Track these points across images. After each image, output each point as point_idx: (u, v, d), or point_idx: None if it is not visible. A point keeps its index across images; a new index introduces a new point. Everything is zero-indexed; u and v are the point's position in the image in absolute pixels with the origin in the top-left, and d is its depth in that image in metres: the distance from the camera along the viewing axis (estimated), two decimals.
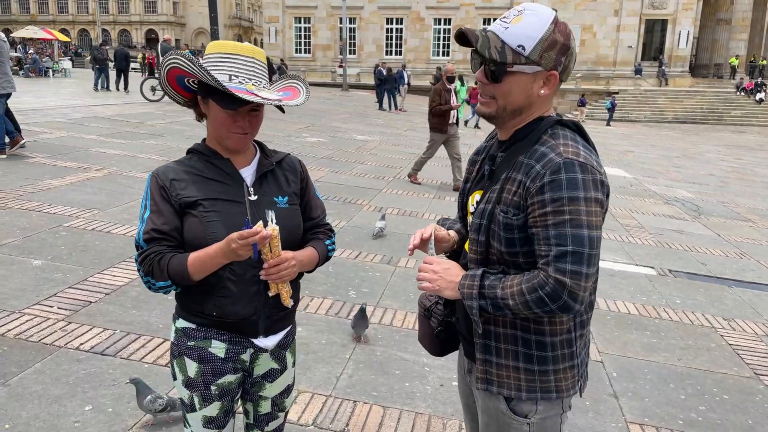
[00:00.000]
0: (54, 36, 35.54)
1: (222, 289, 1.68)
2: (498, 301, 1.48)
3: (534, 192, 1.44)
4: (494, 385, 1.62)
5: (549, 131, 1.52)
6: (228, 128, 1.67)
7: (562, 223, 1.40)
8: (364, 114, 22.22)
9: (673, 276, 6.20)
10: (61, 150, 9.43)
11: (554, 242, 1.41)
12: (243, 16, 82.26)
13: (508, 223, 1.50)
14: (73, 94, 19.66)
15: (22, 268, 4.63)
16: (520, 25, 1.45)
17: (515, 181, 1.50)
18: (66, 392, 3.08)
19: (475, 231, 1.59)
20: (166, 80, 1.72)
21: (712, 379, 3.97)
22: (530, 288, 1.43)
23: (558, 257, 1.40)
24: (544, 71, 1.48)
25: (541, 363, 1.58)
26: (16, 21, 76.21)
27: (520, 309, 1.46)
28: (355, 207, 7.74)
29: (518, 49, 1.45)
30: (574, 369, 1.62)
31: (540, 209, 1.43)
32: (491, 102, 1.55)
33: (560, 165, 1.42)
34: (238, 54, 1.65)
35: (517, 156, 1.53)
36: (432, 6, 42.35)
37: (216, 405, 1.78)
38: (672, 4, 39.33)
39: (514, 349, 1.59)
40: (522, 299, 1.45)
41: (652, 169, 15.07)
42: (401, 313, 4.51)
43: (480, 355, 1.63)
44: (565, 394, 1.61)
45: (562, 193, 1.40)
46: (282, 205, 1.77)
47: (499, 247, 1.53)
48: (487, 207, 1.56)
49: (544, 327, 1.56)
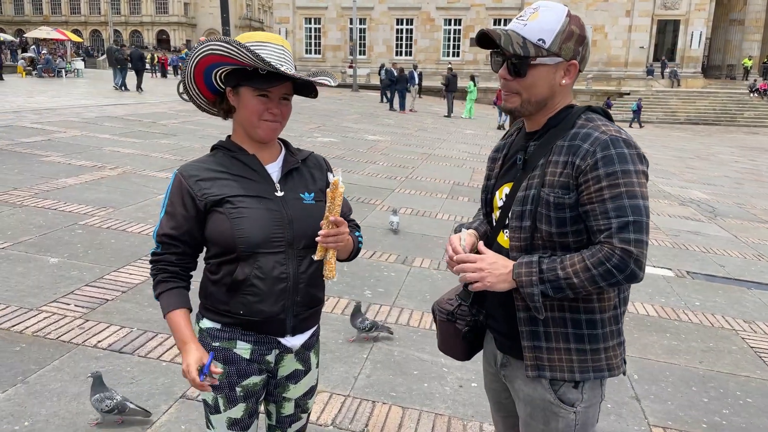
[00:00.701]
0: (66, 36, 35.85)
1: (249, 287, 1.65)
2: (560, 282, 1.49)
3: (587, 169, 1.48)
4: (546, 370, 1.62)
5: (582, 116, 1.59)
6: (260, 115, 1.65)
7: (619, 195, 1.45)
8: (374, 114, 22.21)
9: (691, 278, 6.13)
10: (75, 149, 9.48)
11: (614, 215, 1.45)
12: (253, 17, 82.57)
13: (560, 202, 1.52)
14: (86, 94, 19.78)
15: (39, 265, 4.64)
16: (537, 20, 1.52)
17: (559, 163, 1.54)
18: (84, 390, 3.06)
19: (517, 218, 1.60)
20: (193, 75, 1.69)
21: (735, 382, 3.90)
22: (596, 262, 1.46)
23: (621, 228, 1.44)
24: (564, 62, 1.55)
25: (593, 341, 1.60)
26: (29, 22, 76.95)
27: (585, 285, 1.48)
28: (368, 206, 7.71)
29: (539, 42, 1.51)
30: (622, 346, 1.66)
31: (595, 185, 1.47)
32: (515, 97, 1.59)
33: (608, 141, 1.49)
34: (270, 42, 1.64)
35: (553, 141, 1.58)
36: (442, 6, 42.26)
37: (241, 407, 1.75)
38: (684, 4, 39.01)
39: (563, 331, 1.60)
40: (587, 275, 1.46)
41: (666, 170, 14.94)
42: (418, 312, 4.48)
43: (528, 342, 1.63)
44: (616, 371, 1.64)
45: (615, 167, 1.46)
46: (308, 201, 1.74)
47: (549, 228, 1.54)
48: (529, 193, 1.58)
49: (593, 305, 1.58)
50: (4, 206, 6.06)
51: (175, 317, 1.68)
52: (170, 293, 1.69)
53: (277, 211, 1.67)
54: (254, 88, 1.61)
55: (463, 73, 33.75)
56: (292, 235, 1.68)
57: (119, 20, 75.09)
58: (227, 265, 1.67)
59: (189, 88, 1.73)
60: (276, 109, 1.66)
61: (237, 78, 1.64)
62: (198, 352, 1.64)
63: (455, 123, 22.26)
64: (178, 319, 1.67)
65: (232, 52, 1.56)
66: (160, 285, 1.69)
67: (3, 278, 4.34)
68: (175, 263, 1.70)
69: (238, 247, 1.62)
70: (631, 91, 36.27)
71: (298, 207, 1.71)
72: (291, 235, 1.67)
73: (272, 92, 1.63)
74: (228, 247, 1.64)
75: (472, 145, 16.06)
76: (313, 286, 1.76)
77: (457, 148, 14.90)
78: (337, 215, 1.63)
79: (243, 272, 1.64)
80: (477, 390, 3.44)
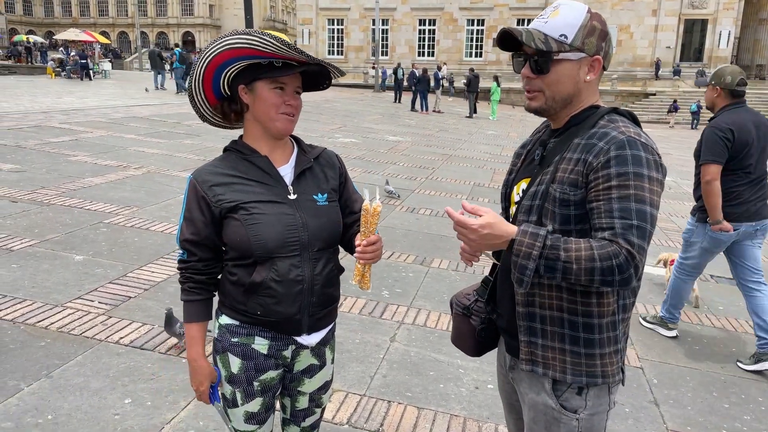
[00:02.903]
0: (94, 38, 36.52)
1: (266, 289, 1.68)
2: (557, 263, 1.41)
3: (598, 166, 1.45)
4: (539, 366, 1.61)
5: (606, 117, 1.56)
6: (278, 108, 1.66)
7: (627, 197, 1.41)
8: (396, 115, 22.23)
9: (714, 281, 6.02)
10: (101, 149, 9.67)
11: (618, 215, 1.41)
12: (277, 19, 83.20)
13: (565, 198, 1.50)
14: (113, 95, 20.14)
15: (64, 263, 4.75)
16: (558, 17, 1.52)
17: (571, 160, 1.51)
18: (106, 385, 3.14)
19: (525, 212, 1.58)
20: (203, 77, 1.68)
21: (757, 387, 3.84)
22: (604, 255, 1.38)
23: (624, 230, 1.40)
24: (588, 57, 1.53)
25: (588, 346, 1.57)
26: (59, 24, 78.61)
27: (580, 275, 1.40)
28: (387, 207, 7.73)
29: (561, 38, 1.50)
30: (618, 354, 1.62)
31: (604, 183, 1.44)
32: (539, 95, 1.57)
33: (624, 141, 1.45)
34: (283, 38, 1.65)
35: (572, 139, 1.56)
36: (465, 7, 42.13)
37: (258, 401, 1.78)
38: (712, 3, 38.34)
39: (560, 331, 1.58)
40: (589, 265, 1.39)
41: (691, 172, 14.65)
42: (435, 313, 4.48)
43: (524, 337, 1.62)
44: (611, 380, 1.60)
45: (628, 168, 1.42)
46: (322, 203, 1.75)
47: (553, 225, 1.52)
48: (539, 188, 1.56)
49: (592, 309, 1.55)
50: (33, 205, 6.21)
51: (191, 330, 1.78)
52: (193, 305, 1.76)
53: (291, 215, 1.69)
54: (271, 80, 1.63)
55: (486, 73, 33.62)
56: (307, 238, 1.70)
57: (146, 22, 76.22)
58: (244, 268, 1.69)
59: (195, 93, 1.72)
60: (293, 101, 1.68)
61: (251, 73, 1.65)
62: (209, 368, 1.78)
63: (477, 124, 22.17)
64: (193, 333, 1.78)
65: (253, 42, 1.56)
66: (185, 293, 1.77)
67: (30, 275, 4.46)
68: (202, 270, 1.74)
69: (254, 253, 1.65)
70: (656, 92, 35.73)
71: (311, 210, 1.72)
72: (306, 238, 1.70)
73: (287, 84, 1.65)
74: (244, 252, 1.66)
75: (494, 146, 15.98)
76: (329, 286, 1.78)
77: (478, 149, 14.85)
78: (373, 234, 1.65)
79: (260, 275, 1.67)
80: (493, 392, 3.43)
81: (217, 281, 1.80)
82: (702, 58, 39.24)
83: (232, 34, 1.58)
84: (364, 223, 1.64)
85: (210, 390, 1.80)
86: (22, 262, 4.70)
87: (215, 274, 1.78)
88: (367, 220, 1.63)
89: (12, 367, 3.23)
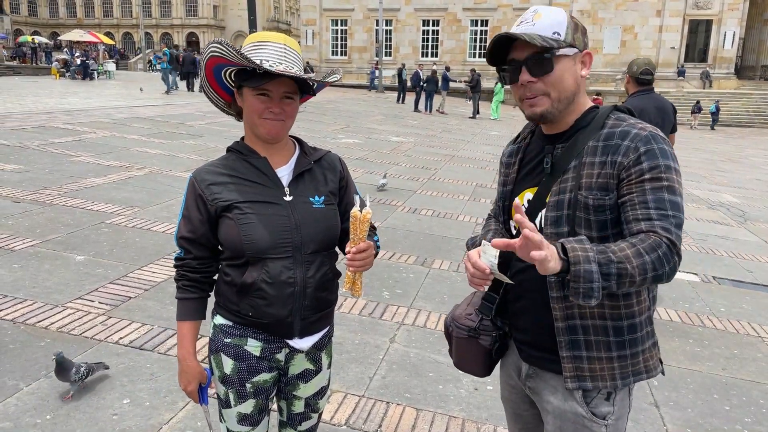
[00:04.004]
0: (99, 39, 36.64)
1: (257, 291, 1.68)
2: (611, 267, 1.32)
3: (629, 164, 1.45)
4: (587, 381, 1.56)
5: (611, 116, 1.57)
6: (260, 114, 1.66)
7: (660, 188, 1.43)
8: (399, 115, 22.22)
9: (717, 283, 6.00)
10: (104, 149, 9.70)
11: (653, 206, 1.41)
12: (281, 19, 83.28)
13: (600, 204, 1.48)
14: (116, 96, 20.20)
15: (65, 263, 4.76)
16: (543, 18, 1.52)
17: (596, 164, 1.49)
18: (105, 385, 3.14)
19: (553, 225, 1.54)
20: (205, 75, 1.73)
21: (759, 390, 3.82)
22: (648, 248, 1.35)
23: (662, 219, 1.40)
24: (579, 52, 1.55)
25: (633, 345, 1.56)
26: (64, 24, 78.87)
27: (635, 274, 1.33)
28: (389, 208, 7.73)
29: (554, 35, 1.51)
30: (656, 345, 1.63)
31: (637, 177, 1.44)
32: (543, 99, 1.53)
33: (649, 137, 1.47)
34: (270, 41, 1.66)
35: (584, 143, 1.54)
36: (469, 7, 42.06)
37: (251, 402, 1.78)
38: (717, 4, 38.16)
39: (605, 339, 1.54)
40: (640, 261, 1.33)
41: (696, 173, 14.64)
42: (435, 314, 4.48)
43: (567, 353, 1.56)
44: (654, 372, 1.61)
45: (659, 161, 1.44)
46: (317, 206, 1.74)
47: (589, 233, 1.49)
48: (563, 197, 1.52)
49: (633, 309, 1.54)
50: (35, 205, 6.23)
51: (182, 329, 1.77)
52: (186, 303, 1.76)
53: (285, 216, 1.69)
54: (252, 88, 1.64)
55: (489, 74, 33.56)
56: (300, 240, 1.69)
57: (150, 23, 76.40)
58: (237, 268, 1.70)
59: (206, 90, 1.77)
60: (276, 108, 1.66)
61: (239, 78, 1.67)
62: (198, 368, 1.78)
63: (480, 124, 22.15)
64: (185, 331, 1.78)
65: (223, 52, 1.60)
66: (180, 291, 1.77)
67: (31, 275, 4.47)
68: (197, 269, 1.74)
69: (246, 253, 1.66)
70: (661, 92, 35.58)
71: (306, 212, 1.72)
72: (299, 240, 1.69)
73: (272, 91, 1.64)
74: (237, 251, 1.67)
75: (497, 146, 15.95)
76: (323, 290, 1.77)
77: (480, 150, 14.84)
78: (363, 242, 1.63)
79: (251, 276, 1.67)
80: (492, 393, 3.43)
81: (212, 281, 1.80)
82: (707, 59, 39.07)
83: (212, 43, 1.61)
84: (353, 231, 1.63)
85: (199, 391, 1.80)
86: (23, 262, 4.71)
87: (210, 274, 1.78)
88: (356, 227, 1.62)
89: (11, 366, 3.24)
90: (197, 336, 1.80)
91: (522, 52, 1.51)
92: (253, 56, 1.62)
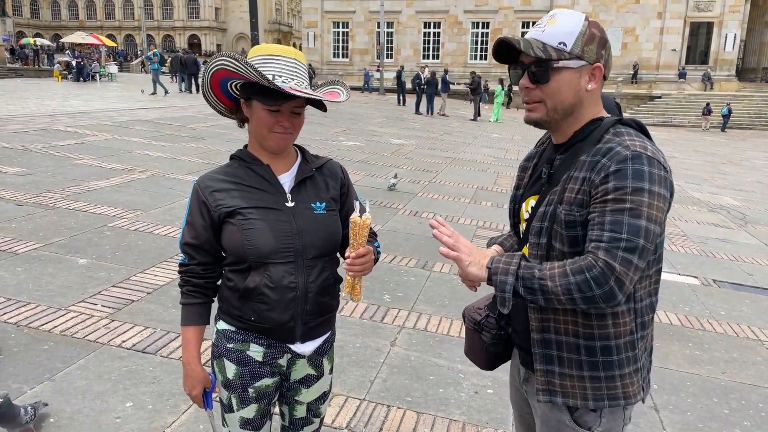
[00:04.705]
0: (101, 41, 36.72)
1: (259, 295, 1.71)
2: (533, 281, 1.41)
3: (598, 182, 1.42)
4: (558, 396, 1.57)
5: (611, 130, 1.51)
6: (269, 128, 1.68)
7: (621, 211, 1.38)
8: (400, 118, 22.25)
9: (717, 286, 6.02)
10: (106, 152, 9.73)
11: (608, 228, 1.38)
12: (282, 21, 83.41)
13: (572, 220, 1.47)
14: (118, 98, 20.25)
15: (68, 266, 4.78)
16: (556, 25, 1.49)
17: (578, 180, 1.48)
18: (108, 388, 3.17)
19: (535, 234, 1.56)
20: (209, 85, 1.74)
21: (758, 394, 3.83)
22: (576, 269, 1.38)
23: (610, 242, 1.37)
24: (588, 65, 1.50)
25: (607, 368, 1.53)
26: (66, 27, 79.07)
27: (558, 293, 1.39)
28: (390, 211, 7.75)
29: (560, 46, 1.47)
30: (638, 373, 1.57)
31: (601, 197, 1.41)
32: (539, 106, 1.53)
33: (627, 156, 1.41)
34: (282, 55, 1.67)
35: (578, 156, 1.51)
36: (470, 10, 42.11)
37: (253, 407, 1.81)
38: (718, 6, 38.18)
39: (577, 358, 1.54)
40: (564, 281, 1.38)
41: (696, 176, 14.65)
42: (436, 318, 4.50)
43: (540, 366, 1.59)
44: (633, 399, 1.56)
45: (627, 183, 1.39)
46: (319, 212, 1.77)
47: (562, 247, 1.49)
48: (548, 209, 1.53)
49: (608, 330, 1.51)
50: (38, 208, 6.26)
51: (187, 334, 1.80)
52: (190, 308, 1.79)
53: (286, 221, 1.72)
54: (263, 101, 1.65)
55: (490, 76, 33.60)
56: (301, 245, 1.72)
57: (152, 25, 76.64)
58: (239, 273, 1.73)
59: (208, 97, 1.79)
60: (286, 122, 1.69)
61: (249, 91, 1.68)
62: (202, 373, 1.81)
63: (481, 127, 22.17)
64: (189, 336, 1.81)
65: (239, 69, 1.61)
66: (184, 296, 1.80)
67: (34, 278, 4.49)
68: (200, 274, 1.77)
69: (248, 258, 1.68)
70: (662, 95, 35.65)
71: (308, 217, 1.75)
72: (300, 245, 1.72)
73: (282, 106, 1.66)
74: (239, 257, 1.70)
75: (498, 149, 15.99)
76: (324, 295, 1.80)
77: (482, 152, 14.86)
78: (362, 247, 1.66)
79: (254, 281, 1.70)
80: (493, 397, 3.45)
81: (216, 287, 1.83)
82: (708, 61, 39.07)
83: (227, 57, 1.62)
84: (353, 236, 1.66)
85: (203, 395, 1.83)
86: (26, 265, 4.74)
87: (214, 279, 1.81)
88: (356, 232, 1.65)
89: (15, 370, 3.27)
90: (201, 341, 1.82)
91: (528, 56, 1.50)
92: (264, 70, 1.63)
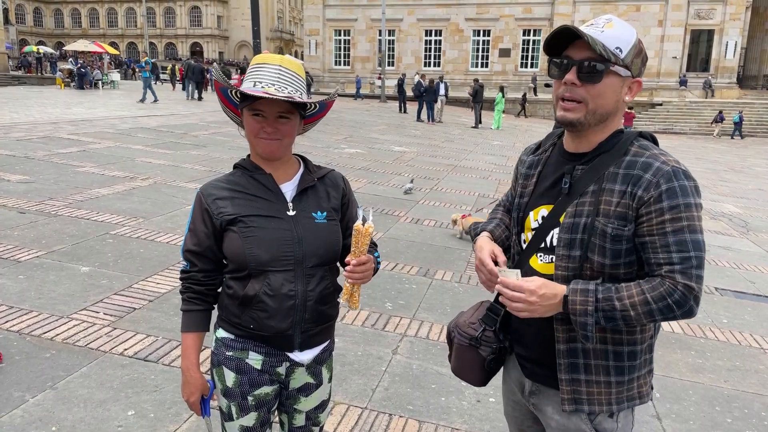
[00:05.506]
0: (104, 49, 36.90)
1: (258, 303, 1.72)
2: (615, 313, 1.45)
3: (650, 201, 1.45)
4: (584, 404, 1.58)
5: (635, 143, 1.54)
6: (255, 133, 1.72)
7: (681, 229, 1.44)
8: (401, 125, 22.30)
9: (719, 294, 6.01)
10: (109, 159, 9.76)
11: (675, 249, 1.43)
12: (284, 29, 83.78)
13: (618, 234, 1.48)
14: (121, 106, 20.32)
15: (70, 274, 4.79)
16: (614, 29, 1.49)
17: (615, 192, 1.49)
18: (110, 397, 3.17)
19: (565, 246, 1.54)
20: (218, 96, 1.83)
21: (761, 402, 3.82)
22: (657, 296, 1.43)
23: (682, 263, 1.43)
24: (631, 77, 1.52)
25: (631, 372, 1.58)
26: (69, 35, 79.49)
27: (641, 319, 1.45)
28: (392, 218, 7.76)
29: (616, 51, 1.47)
30: (651, 373, 1.64)
31: (658, 217, 1.45)
32: (579, 107, 1.51)
33: (671, 173, 1.45)
34: (266, 63, 1.71)
35: (606, 168, 1.52)
36: (471, 18, 42.29)
37: (252, 415, 1.81)
38: (719, 14, 38.30)
39: (604, 363, 1.56)
40: (646, 309, 1.44)
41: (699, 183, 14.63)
42: (438, 326, 4.49)
43: (566, 375, 1.59)
44: (646, 398, 1.63)
45: (679, 200, 1.44)
46: (320, 221, 1.79)
47: (602, 260, 1.50)
48: (579, 220, 1.52)
49: (636, 336, 1.56)
50: (40, 216, 6.27)
51: (187, 340, 1.81)
52: (191, 315, 1.81)
53: (287, 230, 1.73)
54: (247, 108, 1.71)
55: (491, 83, 33.70)
56: (301, 253, 1.73)
57: (154, 33, 77.00)
58: (239, 281, 1.74)
59: (222, 107, 1.86)
60: (270, 128, 1.70)
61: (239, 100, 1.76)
62: (201, 380, 1.81)
63: (482, 134, 22.21)
64: (189, 342, 1.81)
65: (215, 75, 1.72)
66: (185, 303, 1.82)
67: (36, 286, 4.50)
68: (201, 281, 1.79)
69: (248, 265, 1.70)
70: (663, 102, 35.70)
71: (308, 226, 1.76)
72: (300, 253, 1.73)
73: (266, 111, 1.68)
74: (240, 264, 1.71)
75: (499, 156, 16.01)
76: (323, 304, 1.80)
77: (483, 160, 14.87)
78: (363, 255, 1.68)
79: (253, 288, 1.71)
80: (495, 405, 3.44)
81: (217, 294, 1.84)
82: (709, 69, 39.16)
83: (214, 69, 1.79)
84: (355, 243, 1.67)
85: (201, 402, 1.83)
86: (28, 273, 4.75)
87: (215, 287, 1.83)
88: (358, 240, 1.66)
89: (17, 378, 3.27)
90: (201, 347, 1.83)
91: (579, 52, 1.48)
92: (250, 78, 1.70)
